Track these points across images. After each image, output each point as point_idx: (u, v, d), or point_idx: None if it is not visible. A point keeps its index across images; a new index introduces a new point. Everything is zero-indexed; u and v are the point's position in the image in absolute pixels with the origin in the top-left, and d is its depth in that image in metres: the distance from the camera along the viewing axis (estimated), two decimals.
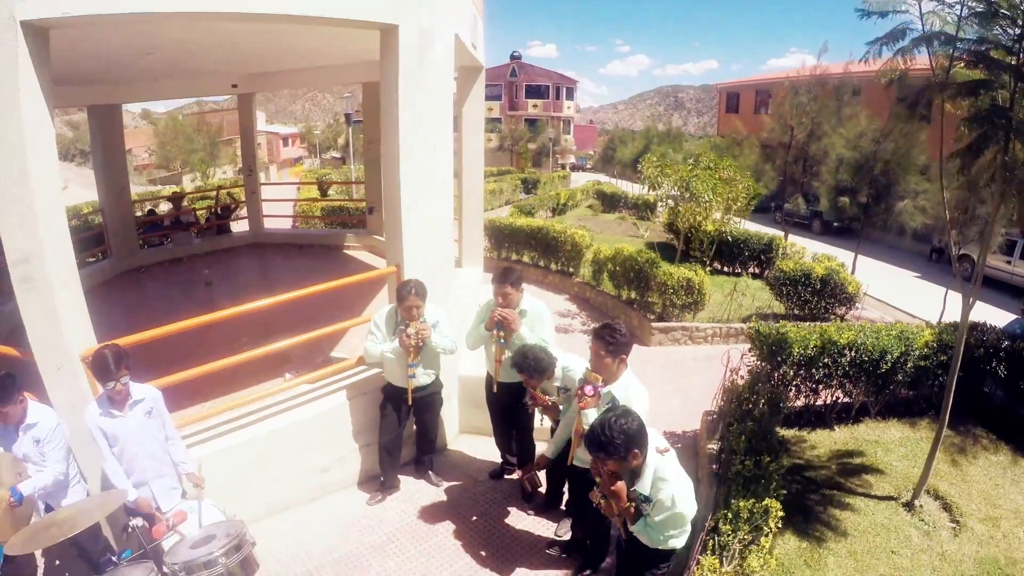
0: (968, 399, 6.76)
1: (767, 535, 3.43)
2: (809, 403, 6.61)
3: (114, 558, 3.22)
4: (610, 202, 25.21)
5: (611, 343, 3.40)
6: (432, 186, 5.32)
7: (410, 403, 4.63)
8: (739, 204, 12.11)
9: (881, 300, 13.62)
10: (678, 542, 2.97)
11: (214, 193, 14.74)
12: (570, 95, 57.66)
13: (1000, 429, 6.57)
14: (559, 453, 3.97)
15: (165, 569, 2.84)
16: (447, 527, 4.56)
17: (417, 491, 5.04)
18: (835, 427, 6.49)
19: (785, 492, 4.01)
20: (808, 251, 13.85)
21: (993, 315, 9.60)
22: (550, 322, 4.60)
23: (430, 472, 5.19)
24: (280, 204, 14.78)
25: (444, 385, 4.98)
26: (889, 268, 17.92)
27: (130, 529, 3.14)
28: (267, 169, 44.03)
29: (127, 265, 10.32)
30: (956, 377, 5.16)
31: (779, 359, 6.22)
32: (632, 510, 2.87)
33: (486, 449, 5.55)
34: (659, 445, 2.89)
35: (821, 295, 10.15)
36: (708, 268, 12.32)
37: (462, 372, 5.71)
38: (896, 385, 6.50)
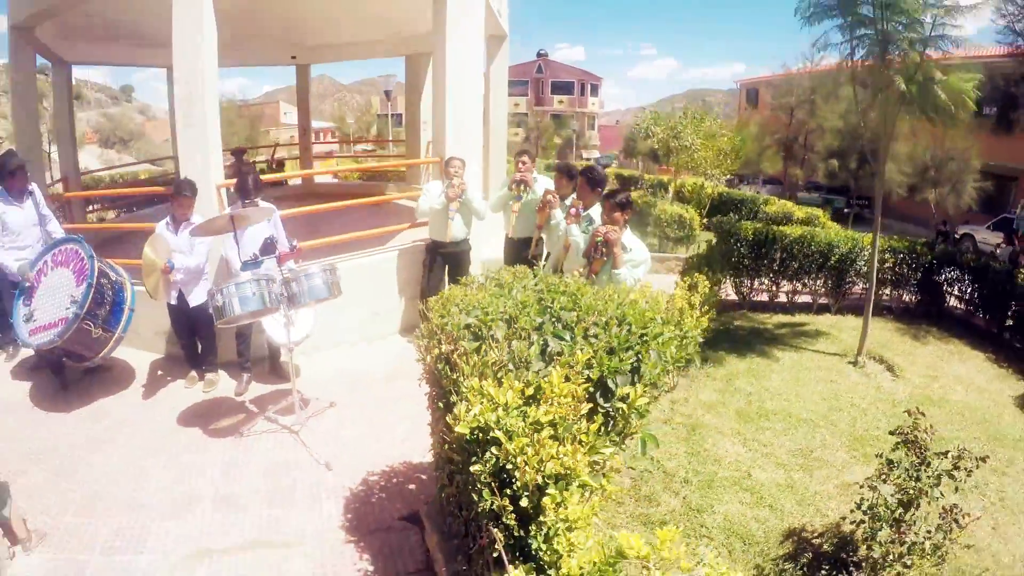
0: (933, 312, 8.05)
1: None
2: (773, 296, 7.92)
3: None
4: (628, 184, 26.54)
5: (590, 178, 4.82)
6: (468, 111, 6.85)
7: (444, 251, 6.08)
8: (727, 162, 13.46)
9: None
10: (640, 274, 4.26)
11: (271, 149, 16.38)
12: (595, 91, 58.92)
13: (957, 333, 7.63)
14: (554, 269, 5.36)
15: (287, 274, 4.29)
16: None
17: None
18: (795, 315, 7.78)
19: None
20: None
21: None
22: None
23: None
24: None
25: (473, 256, 6.44)
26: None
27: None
28: (298, 162, 46.05)
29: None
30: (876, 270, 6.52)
31: (734, 244, 7.54)
32: (618, 251, 4.15)
33: None
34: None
35: None
36: (704, 221, 13.64)
37: (483, 257, 7.14)
38: (850, 283, 7.76)
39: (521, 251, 6.03)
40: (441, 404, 2.50)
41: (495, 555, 1.72)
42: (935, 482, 2.67)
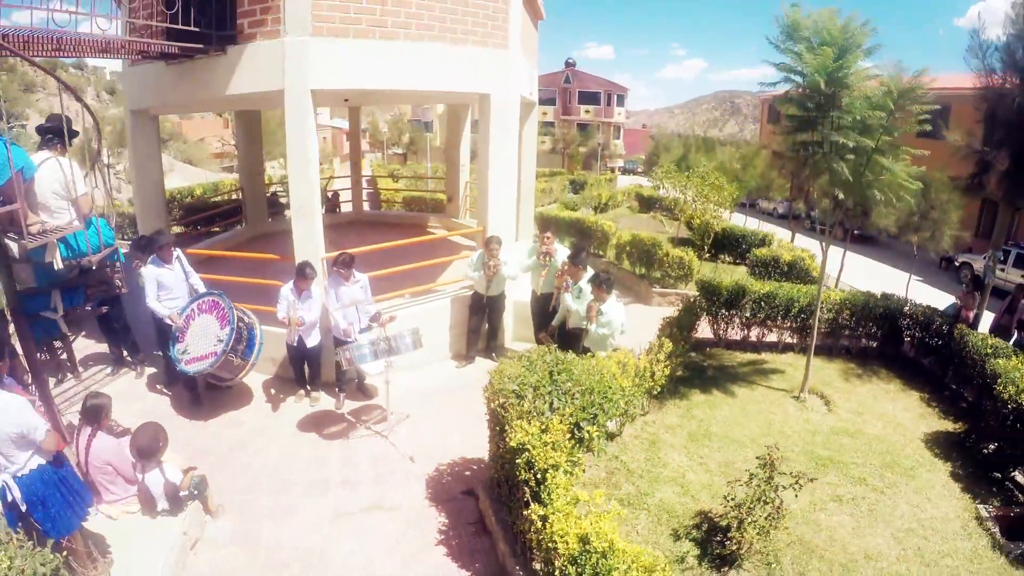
0: (889, 354, 9.62)
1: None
2: (745, 337, 9.83)
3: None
4: (647, 204, 28.36)
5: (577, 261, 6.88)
6: (505, 181, 8.89)
7: (485, 302, 8.16)
8: (727, 204, 15.44)
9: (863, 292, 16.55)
10: (609, 338, 6.32)
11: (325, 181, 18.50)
12: (620, 102, 60.74)
13: (905, 375, 9.00)
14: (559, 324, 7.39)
15: (390, 334, 6.36)
16: None
17: (485, 364, 8.54)
18: (761, 352, 9.70)
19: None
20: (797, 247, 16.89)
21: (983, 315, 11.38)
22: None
23: (493, 354, 8.70)
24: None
25: (506, 302, 8.52)
26: (894, 271, 20.61)
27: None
28: (331, 161, 48.55)
29: (256, 231, 13.49)
30: (818, 318, 8.33)
31: (712, 297, 9.46)
32: (594, 315, 6.25)
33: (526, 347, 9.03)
34: (617, 295, 6.35)
35: (788, 276, 13.26)
36: (708, 255, 15.59)
37: (515, 298, 9.20)
38: (816, 328, 9.57)
39: (543, 303, 8.08)
40: (497, 428, 4.57)
41: (525, 500, 3.79)
42: (773, 488, 4.63)
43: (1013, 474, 6.44)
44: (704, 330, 9.67)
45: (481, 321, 8.44)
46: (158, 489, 4.99)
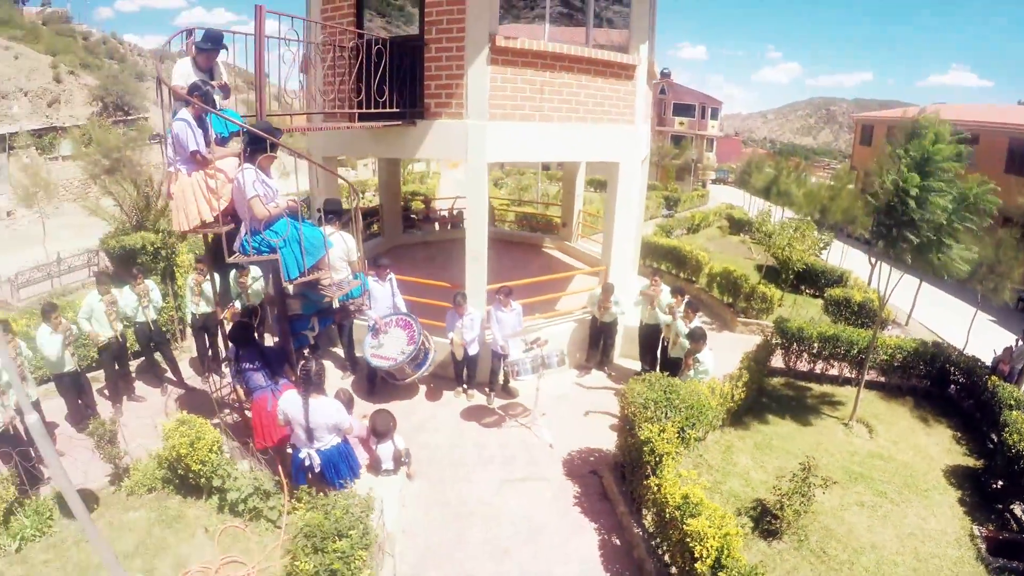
0: (935, 394, 11.22)
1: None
2: (811, 369, 11.85)
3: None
4: (737, 226, 30.01)
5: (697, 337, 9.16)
6: (626, 235, 11.34)
7: (600, 326, 10.62)
8: (812, 248, 17.32)
9: (931, 330, 17.98)
10: (708, 368, 8.65)
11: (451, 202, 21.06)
12: (714, 115, 61.61)
13: (945, 414, 10.57)
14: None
15: (535, 347, 8.89)
16: (614, 387, 10.50)
17: (601, 375, 11.02)
18: (823, 384, 11.65)
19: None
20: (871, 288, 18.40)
21: None
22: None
23: (605, 368, 11.15)
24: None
25: (618, 327, 10.96)
26: (970, 309, 21.51)
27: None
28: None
29: (393, 243, 15.92)
30: (874, 358, 10.34)
31: (785, 335, 11.53)
32: (691, 362, 8.62)
33: (633, 364, 11.43)
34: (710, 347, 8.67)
35: (858, 316, 15.02)
36: (788, 288, 17.51)
37: (626, 324, 11.57)
38: (867, 368, 11.48)
39: (649, 333, 10.43)
40: (627, 427, 7.07)
41: (646, 474, 6.27)
42: (807, 485, 6.88)
43: (1012, 506, 8.10)
44: (777, 360, 11.74)
45: (597, 341, 10.91)
46: (387, 455, 7.36)
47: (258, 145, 6.00)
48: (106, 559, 4.59)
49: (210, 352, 10.23)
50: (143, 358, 10.35)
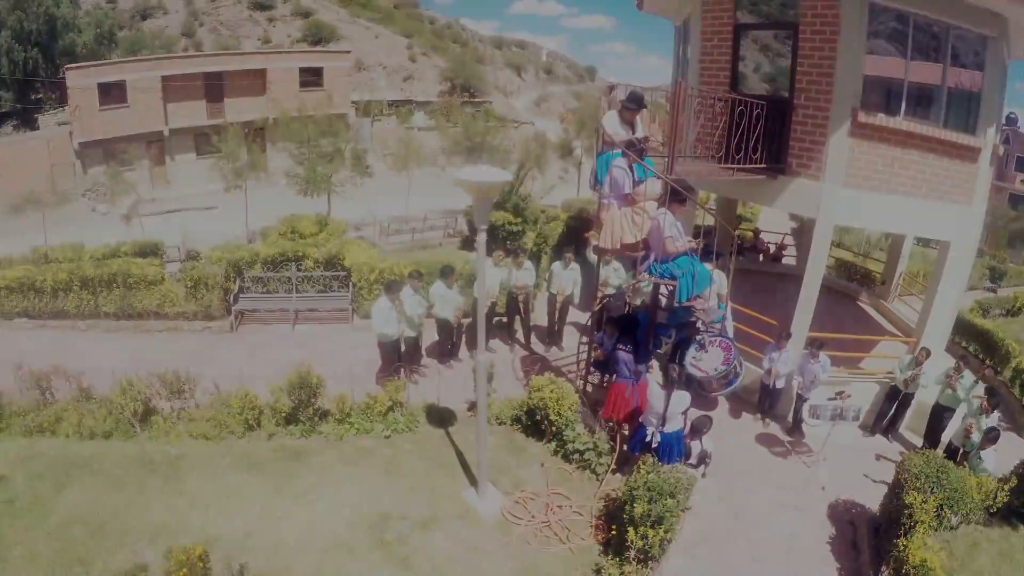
0: None
1: None
2: None
3: None
4: None
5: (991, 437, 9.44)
6: (945, 313, 11.83)
7: (900, 396, 11.31)
8: None
9: None
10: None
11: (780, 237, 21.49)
12: None
13: None
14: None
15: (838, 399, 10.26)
16: (893, 455, 11.18)
17: (883, 440, 11.93)
18: None
19: None
20: None
21: None
22: None
23: (889, 435, 11.91)
24: None
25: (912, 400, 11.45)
26: None
27: None
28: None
29: (722, 268, 17.50)
30: None
31: None
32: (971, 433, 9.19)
33: (915, 439, 11.75)
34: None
35: None
36: None
37: (921, 399, 11.73)
38: None
39: (940, 414, 11.04)
40: (894, 490, 8.62)
41: (898, 534, 7.85)
42: None
43: None
44: None
45: (890, 407, 11.44)
46: (695, 451, 9.52)
47: (675, 197, 8.16)
48: (481, 458, 7.60)
49: (556, 327, 13.10)
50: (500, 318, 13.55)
